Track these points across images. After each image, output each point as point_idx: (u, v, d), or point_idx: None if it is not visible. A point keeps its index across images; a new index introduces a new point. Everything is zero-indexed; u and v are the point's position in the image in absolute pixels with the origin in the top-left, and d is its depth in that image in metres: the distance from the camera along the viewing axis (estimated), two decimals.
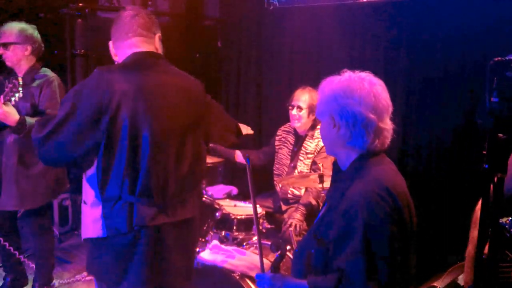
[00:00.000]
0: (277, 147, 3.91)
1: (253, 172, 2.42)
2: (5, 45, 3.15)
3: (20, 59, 3.18)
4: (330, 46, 4.35)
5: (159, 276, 2.14)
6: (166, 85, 2.14)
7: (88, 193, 2.11)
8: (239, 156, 3.96)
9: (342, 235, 1.53)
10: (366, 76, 1.66)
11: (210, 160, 3.86)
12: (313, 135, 3.68)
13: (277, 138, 3.95)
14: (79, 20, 4.35)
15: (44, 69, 3.28)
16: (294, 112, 3.64)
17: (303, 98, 3.61)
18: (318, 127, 3.57)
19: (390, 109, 1.66)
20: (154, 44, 2.23)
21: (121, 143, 1.99)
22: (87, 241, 2.17)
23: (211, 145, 3.84)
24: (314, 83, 1.83)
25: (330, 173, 1.85)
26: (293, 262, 1.81)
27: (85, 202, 2.15)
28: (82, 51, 4.37)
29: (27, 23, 3.29)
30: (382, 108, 1.62)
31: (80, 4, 4.37)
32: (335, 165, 1.78)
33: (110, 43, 2.26)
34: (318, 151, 3.62)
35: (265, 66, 4.99)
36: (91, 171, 2.08)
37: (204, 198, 3.34)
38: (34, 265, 3.50)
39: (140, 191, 2.03)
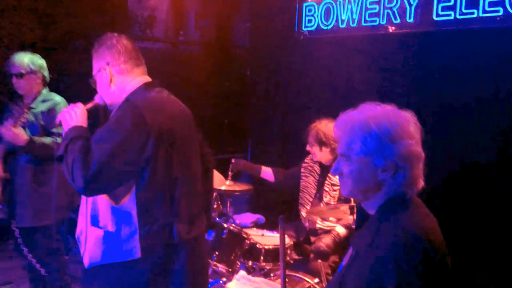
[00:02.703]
0: (302, 175, 3.89)
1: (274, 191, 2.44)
2: (20, 75, 3.35)
3: (32, 87, 3.40)
4: (359, 77, 4.34)
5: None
6: (180, 108, 2.30)
7: (112, 216, 2.12)
8: (264, 172, 3.96)
9: None
10: (404, 112, 1.57)
11: (237, 187, 3.86)
12: None
13: (303, 165, 3.93)
14: None
15: (51, 93, 3.49)
16: (307, 148, 3.72)
17: (311, 133, 3.66)
18: None
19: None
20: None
21: (159, 169, 2.07)
22: (106, 268, 2.15)
23: (233, 160, 3.87)
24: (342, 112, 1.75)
25: None
26: None
27: (104, 227, 2.14)
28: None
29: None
30: (420, 145, 1.54)
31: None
32: (360, 207, 1.70)
33: (105, 66, 2.18)
34: None
35: (293, 95, 5.02)
36: (124, 196, 2.10)
37: (231, 227, 3.33)
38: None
39: (176, 211, 2.14)
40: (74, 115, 2.16)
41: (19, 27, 4.84)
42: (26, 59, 3.38)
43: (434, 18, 3.74)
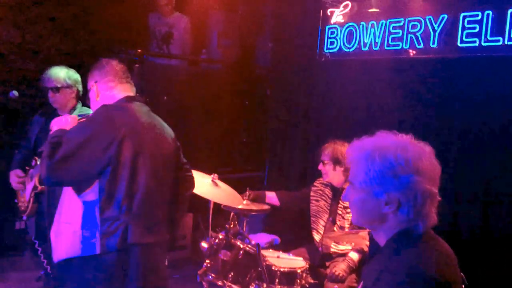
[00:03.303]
0: (312, 199, 3.86)
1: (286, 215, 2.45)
2: (56, 89, 3.42)
3: (67, 101, 3.47)
4: (380, 100, 4.33)
5: None
6: (156, 124, 2.55)
7: (76, 213, 2.32)
8: (269, 197, 3.95)
9: None
10: (418, 142, 1.51)
11: (254, 207, 3.83)
12: None
13: (313, 189, 3.90)
14: (136, 65, 4.53)
15: (84, 107, 3.53)
16: (320, 166, 3.70)
17: (326, 151, 3.66)
18: None
19: (440, 175, 1.51)
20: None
21: (123, 170, 2.30)
22: (69, 262, 2.32)
23: (247, 192, 3.85)
24: (362, 135, 1.71)
25: None
26: None
27: (69, 223, 2.33)
28: (137, 94, 4.51)
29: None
30: (438, 178, 1.49)
31: (139, 50, 4.57)
32: (372, 238, 1.67)
33: (94, 84, 2.53)
34: None
35: (312, 115, 5.01)
36: (87, 193, 2.31)
37: (248, 248, 3.30)
38: None
39: (135, 213, 2.33)
40: (64, 121, 2.43)
41: (43, 41, 4.94)
42: (63, 74, 3.46)
43: (459, 44, 3.72)
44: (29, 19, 4.68)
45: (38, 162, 3.27)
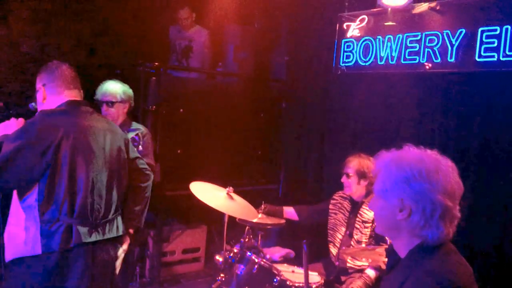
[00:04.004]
0: (331, 212, 3.83)
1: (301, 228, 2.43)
2: (112, 104, 3.53)
3: (120, 115, 3.58)
4: (397, 114, 4.30)
5: None
6: (97, 127, 2.57)
7: (20, 215, 2.37)
8: (287, 212, 3.92)
9: None
10: (441, 158, 1.55)
11: (269, 221, 3.81)
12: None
13: (332, 202, 3.87)
14: (153, 78, 4.57)
15: (134, 122, 3.65)
16: (343, 179, 3.65)
17: (351, 164, 3.62)
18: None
19: (461, 193, 1.55)
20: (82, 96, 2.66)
21: (61, 173, 2.36)
22: (15, 263, 2.36)
23: (263, 206, 3.83)
24: (379, 149, 1.73)
25: None
26: None
27: (15, 225, 2.39)
28: (154, 107, 4.55)
29: (106, 78, 3.57)
30: (457, 195, 1.52)
31: (156, 63, 4.61)
32: (390, 249, 1.66)
33: (41, 87, 2.57)
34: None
35: (328, 128, 4.99)
36: (28, 196, 2.36)
37: (262, 262, 3.28)
38: None
39: (77, 213, 2.38)
40: (10, 126, 2.48)
41: (62, 54, 5.02)
42: (119, 89, 3.57)
43: (477, 59, 3.69)
44: (49, 32, 4.76)
45: None
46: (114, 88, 3.57)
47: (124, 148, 2.73)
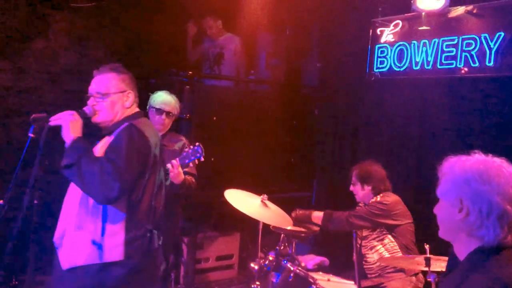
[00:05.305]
0: None
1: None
2: (172, 115, 3.62)
3: (168, 125, 3.65)
4: (433, 119, 4.23)
5: None
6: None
7: (99, 221, 2.31)
8: (315, 217, 3.89)
9: None
10: (504, 163, 1.56)
11: (304, 228, 3.79)
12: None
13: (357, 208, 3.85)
14: (187, 87, 4.62)
15: (174, 133, 3.73)
16: (350, 188, 3.77)
17: (354, 172, 3.73)
18: (378, 197, 3.57)
19: None
20: None
21: (150, 181, 2.41)
22: (84, 268, 2.28)
23: (292, 214, 3.81)
24: (414, 156, 1.71)
25: None
26: None
27: (88, 230, 2.32)
28: (188, 115, 4.60)
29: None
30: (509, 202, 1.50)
31: (190, 72, 4.66)
32: (451, 252, 1.66)
33: (131, 91, 2.55)
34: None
35: (362, 135, 4.95)
36: (117, 204, 2.30)
37: (298, 270, 3.26)
38: None
39: (155, 221, 2.46)
40: (75, 126, 2.39)
41: (98, 65, 5.13)
42: (174, 101, 3.66)
43: None
44: (86, 45, 4.88)
45: None
46: (171, 100, 3.64)
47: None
